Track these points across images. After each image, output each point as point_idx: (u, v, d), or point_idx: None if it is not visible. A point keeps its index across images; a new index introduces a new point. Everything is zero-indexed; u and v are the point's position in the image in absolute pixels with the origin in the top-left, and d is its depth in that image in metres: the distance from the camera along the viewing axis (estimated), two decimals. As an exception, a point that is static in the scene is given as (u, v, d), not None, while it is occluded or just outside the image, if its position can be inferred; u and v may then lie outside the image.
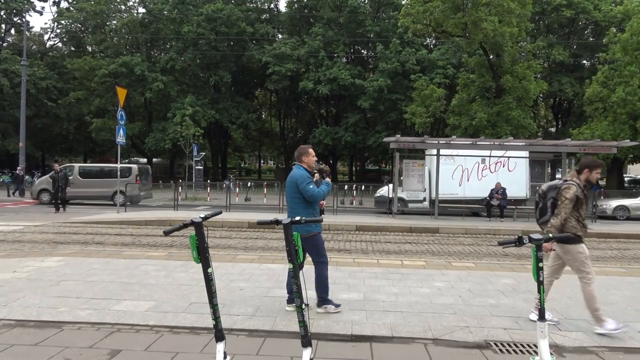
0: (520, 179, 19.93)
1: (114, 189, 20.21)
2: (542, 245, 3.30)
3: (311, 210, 5.58)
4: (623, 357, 4.39)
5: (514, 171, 20.01)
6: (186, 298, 5.87)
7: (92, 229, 14.01)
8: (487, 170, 19.92)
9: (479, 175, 19.95)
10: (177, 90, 40.22)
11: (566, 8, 33.86)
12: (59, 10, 44.46)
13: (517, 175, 19.92)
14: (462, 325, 5.10)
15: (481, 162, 19.85)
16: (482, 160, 19.77)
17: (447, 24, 25.05)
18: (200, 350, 4.30)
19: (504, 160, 19.86)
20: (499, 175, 19.48)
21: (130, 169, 22.06)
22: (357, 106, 38.05)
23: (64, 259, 8.06)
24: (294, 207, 5.55)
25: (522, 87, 26.07)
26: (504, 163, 19.93)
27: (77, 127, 43.29)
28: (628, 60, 26.26)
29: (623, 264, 10.18)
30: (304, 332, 3.06)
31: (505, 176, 19.37)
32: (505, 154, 19.64)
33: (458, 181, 19.93)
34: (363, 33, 39.53)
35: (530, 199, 19.94)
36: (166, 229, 3.07)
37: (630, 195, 22.39)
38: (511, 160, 19.84)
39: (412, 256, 10.43)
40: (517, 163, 19.98)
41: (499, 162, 19.81)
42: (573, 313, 5.61)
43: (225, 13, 38.40)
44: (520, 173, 20.07)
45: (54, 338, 4.52)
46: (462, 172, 20.04)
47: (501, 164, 19.94)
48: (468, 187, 19.83)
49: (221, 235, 13.21)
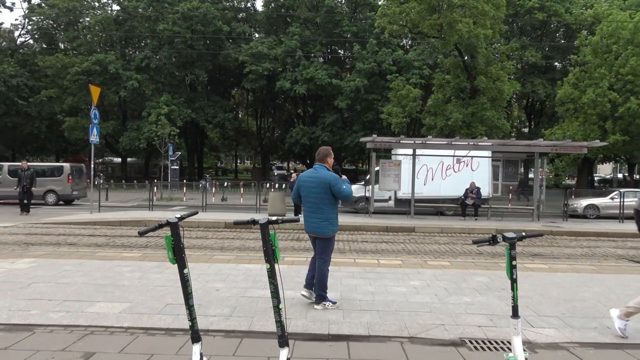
0: (483, 178, 20.20)
1: (46, 188, 19.83)
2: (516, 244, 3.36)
3: (336, 211, 5.75)
4: (593, 352, 4.50)
5: (477, 171, 20.29)
6: (162, 299, 5.81)
7: (65, 229, 13.74)
8: (450, 169, 20.19)
9: (443, 174, 20.20)
10: (152, 89, 39.73)
11: (539, 11, 34.57)
12: (30, 6, 43.46)
13: (480, 175, 20.20)
14: (437, 323, 5.15)
15: (445, 162, 20.11)
16: (446, 160, 20.03)
17: (422, 25, 25.31)
18: (176, 351, 4.25)
19: (468, 160, 20.14)
20: (462, 174, 19.70)
21: (61, 168, 21.75)
22: (334, 106, 38.18)
23: (35, 261, 7.88)
24: (322, 207, 5.60)
25: (496, 88, 26.49)
26: (468, 163, 20.22)
27: (49, 125, 42.40)
28: (598, 62, 26.93)
29: (593, 261, 10.42)
30: (281, 332, 3.06)
31: (468, 175, 19.61)
32: (468, 153, 19.92)
33: (423, 180, 20.14)
34: (340, 33, 39.65)
35: (492, 198, 20.38)
36: (141, 230, 3.04)
37: (600, 195, 22.93)
38: (474, 160, 20.13)
39: (389, 255, 10.50)
40: (480, 163, 20.27)
41: (462, 161, 20.07)
42: (546, 310, 5.73)
43: (202, 11, 38.09)
44: (483, 172, 20.36)
45: (25, 341, 4.42)
46: (426, 171, 20.27)
47: (464, 164, 20.23)
48: (432, 186, 20.07)
49: (197, 235, 13.10)
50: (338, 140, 38.67)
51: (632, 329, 5.13)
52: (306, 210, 5.74)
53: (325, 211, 5.60)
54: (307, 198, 5.70)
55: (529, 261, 9.66)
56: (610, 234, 15.34)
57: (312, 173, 5.76)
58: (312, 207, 5.66)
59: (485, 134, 24.90)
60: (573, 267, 8.51)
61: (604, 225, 17.37)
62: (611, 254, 11.79)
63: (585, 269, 8.44)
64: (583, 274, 7.91)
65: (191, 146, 47.86)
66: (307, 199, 5.70)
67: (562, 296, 6.37)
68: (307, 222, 5.74)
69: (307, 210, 5.72)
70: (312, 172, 5.79)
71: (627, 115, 24.72)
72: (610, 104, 25.37)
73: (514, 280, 3.32)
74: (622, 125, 25.24)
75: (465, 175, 19.58)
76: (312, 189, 5.63)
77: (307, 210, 5.73)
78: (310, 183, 5.65)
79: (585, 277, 7.60)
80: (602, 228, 16.19)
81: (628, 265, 9.48)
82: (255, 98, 48.50)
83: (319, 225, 5.64)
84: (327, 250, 5.73)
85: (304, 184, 5.73)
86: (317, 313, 5.42)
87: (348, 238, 13.35)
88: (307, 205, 5.72)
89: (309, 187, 5.67)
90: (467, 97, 27.61)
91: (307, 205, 5.73)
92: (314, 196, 5.63)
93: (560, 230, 15.56)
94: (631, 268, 8.85)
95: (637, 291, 6.77)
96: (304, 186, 5.73)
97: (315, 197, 5.62)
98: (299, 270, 7.52)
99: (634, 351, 4.53)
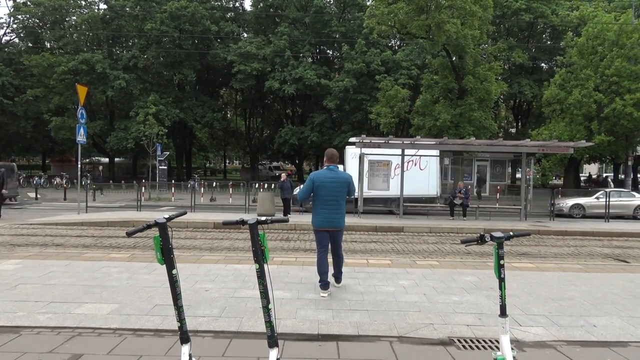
0: (432, 177, 20.35)
1: None
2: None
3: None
4: (580, 350, 4.55)
5: (425, 170, 20.43)
6: (150, 300, 5.77)
7: (51, 230, 13.61)
8: (399, 169, 20.35)
9: (392, 173, 20.33)
10: (140, 88, 39.41)
11: (525, 12, 34.86)
12: (16, 5, 42.87)
13: (429, 174, 20.35)
14: (426, 323, 5.18)
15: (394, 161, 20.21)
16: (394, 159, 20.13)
17: (411, 25, 25.39)
18: (164, 352, 4.23)
19: (416, 159, 20.28)
20: (411, 173, 19.71)
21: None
22: (322, 106, 38.16)
23: (21, 262, 7.80)
24: (342, 203, 6.31)
25: (483, 89, 26.65)
26: (416, 162, 20.35)
27: (35, 125, 41.86)
28: (584, 63, 27.20)
29: (579, 260, 10.53)
30: (271, 333, 3.05)
31: (416, 175, 19.74)
32: (417, 152, 20.10)
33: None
34: (329, 33, 39.65)
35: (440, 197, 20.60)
36: (129, 230, 3.02)
37: (586, 194, 23.20)
38: (422, 159, 20.29)
39: (378, 255, 10.53)
40: (428, 162, 20.42)
41: (410, 161, 20.19)
42: (533, 309, 5.78)
43: (190, 11, 37.88)
44: (432, 171, 20.51)
45: (12, 344, 4.38)
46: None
47: (413, 163, 20.35)
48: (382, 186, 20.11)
49: (186, 236, 13.04)
50: (327, 141, 38.66)
51: (617, 327, 5.21)
52: (325, 207, 6.22)
53: (343, 206, 6.32)
54: (328, 197, 6.19)
55: (517, 260, 9.74)
56: (596, 233, 15.53)
57: (331, 173, 6.23)
58: (333, 204, 6.20)
59: (473, 134, 25.04)
60: (560, 266, 8.60)
61: (590, 224, 17.58)
62: (597, 253, 11.93)
63: (571, 268, 8.53)
64: (570, 272, 7.99)
65: (179, 146, 47.58)
66: (328, 198, 6.20)
67: (549, 295, 6.43)
68: (327, 219, 6.23)
69: (328, 208, 6.21)
70: (329, 172, 6.28)
71: (612, 116, 25.00)
72: (595, 105, 25.64)
73: (502, 279, 3.34)
74: (608, 125, 25.52)
75: (414, 175, 19.68)
76: (336, 188, 6.20)
77: (326, 207, 6.22)
78: (334, 183, 6.19)
79: (572, 276, 7.68)
80: (589, 227, 16.38)
81: (614, 264, 9.59)
82: (244, 98, 48.33)
83: (340, 220, 6.31)
84: (340, 240, 6.55)
85: (326, 184, 6.15)
86: (306, 313, 5.42)
87: (337, 238, 13.35)
88: (328, 203, 6.20)
89: (331, 187, 6.19)
90: (455, 98, 27.75)
91: (326, 203, 6.20)
92: (339, 196, 6.23)
93: (548, 229, 15.71)
94: (617, 267, 8.96)
95: (623, 289, 6.86)
96: (326, 186, 6.15)
97: (339, 196, 6.23)
98: (288, 271, 7.52)
99: (619, 349, 4.59)
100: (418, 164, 20.29)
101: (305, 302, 5.80)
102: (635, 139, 27.22)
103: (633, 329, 5.15)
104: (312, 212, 6.40)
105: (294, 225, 15.12)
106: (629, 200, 21.47)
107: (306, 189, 6.30)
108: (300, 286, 6.58)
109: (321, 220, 6.21)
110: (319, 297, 6.07)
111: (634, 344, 4.74)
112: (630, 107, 24.17)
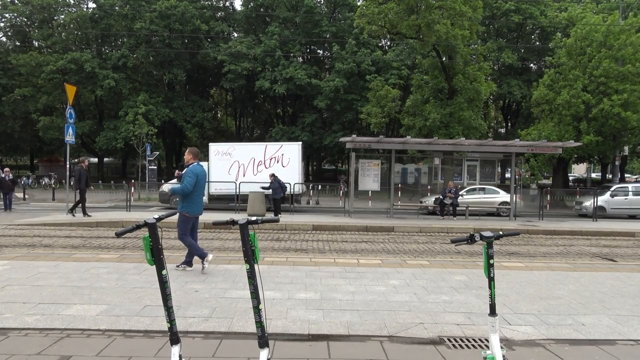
0: (294, 174, 20.43)
1: None
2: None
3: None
4: (569, 348, 4.59)
5: (287, 167, 20.56)
6: (140, 301, 5.74)
7: (40, 231, 13.48)
8: (262, 165, 20.37)
9: (255, 170, 20.40)
10: (129, 88, 39.19)
11: (515, 13, 35.10)
12: (3, 3, 42.42)
13: (291, 171, 20.45)
14: (417, 322, 5.20)
15: (257, 158, 20.41)
16: (257, 156, 20.35)
17: (401, 25, 25.47)
18: (154, 354, 4.21)
19: (279, 156, 20.42)
20: (274, 170, 19.71)
21: None
22: (313, 106, 38.18)
23: (9, 263, 7.72)
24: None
25: (473, 89, 26.79)
26: (278, 159, 20.48)
27: (23, 125, 41.46)
28: (572, 64, 27.42)
29: (568, 259, 10.62)
30: (261, 333, 3.04)
31: (279, 171, 19.73)
32: (280, 149, 20.47)
33: (235, 176, 20.40)
34: (319, 33, 39.66)
35: (304, 194, 20.78)
36: (118, 231, 2.99)
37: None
38: (285, 156, 20.45)
39: (368, 255, 10.55)
40: (290, 159, 20.55)
41: (273, 157, 20.30)
42: (522, 308, 5.82)
43: (180, 10, 37.72)
44: (294, 168, 20.62)
45: (-1, 346, 4.33)
46: (238, 167, 20.52)
47: (275, 160, 20.48)
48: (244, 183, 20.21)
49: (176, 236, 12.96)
50: (317, 140, 38.70)
51: (605, 325, 5.25)
52: (200, 197, 7.50)
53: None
54: (202, 188, 7.61)
55: (506, 260, 9.80)
56: (584, 233, 15.67)
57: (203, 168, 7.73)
58: (203, 194, 7.70)
59: (462, 134, 25.16)
60: (549, 266, 8.66)
61: (578, 224, 17.73)
62: (585, 252, 12.04)
63: (560, 267, 8.60)
64: (558, 272, 8.06)
65: (169, 146, 47.35)
66: (202, 189, 7.64)
67: (538, 294, 6.48)
68: (201, 207, 7.59)
69: (201, 197, 7.58)
70: (202, 167, 7.61)
71: (600, 116, 25.22)
72: (584, 105, 25.86)
73: (492, 278, 3.36)
74: (596, 126, 25.74)
75: (276, 171, 19.61)
76: (204, 180, 7.71)
77: (200, 197, 7.51)
78: (205, 176, 7.69)
79: (560, 275, 7.74)
80: (577, 227, 16.53)
81: (602, 263, 9.68)
82: (234, 98, 48.21)
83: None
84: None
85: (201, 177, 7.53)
86: (297, 313, 5.42)
87: (328, 238, 13.37)
88: (202, 193, 7.60)
89: (204, 179, 7.65)
90: (445, 98, 27.88)
91: (201, 193, 7.56)
92: (204, 185, 7.84)
93: (536, 229, 15.83)
94: (605, 266, 9.05)
95: (611, 288, 6.93)
96: (202, 178, 7.54)
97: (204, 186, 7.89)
98: (279, 271, 7.52)
99: (607, 347, 4.64)
100: (280, 161, 20.52)
101: (296, 302, 5.80)
102: (622, 139, 27.48)
103: (621, 327, 5.20)
104: (185, 202, 7.28)
105: (284, 225, 15.11)
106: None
107: (192, 181, 7.20)
108: (291, 286, 6.57)
109: (199, 209, 7.45)
110: (310, 297, 6.07)
111: (622, 342, 4.79)
112: (618, 107, 24.40)
